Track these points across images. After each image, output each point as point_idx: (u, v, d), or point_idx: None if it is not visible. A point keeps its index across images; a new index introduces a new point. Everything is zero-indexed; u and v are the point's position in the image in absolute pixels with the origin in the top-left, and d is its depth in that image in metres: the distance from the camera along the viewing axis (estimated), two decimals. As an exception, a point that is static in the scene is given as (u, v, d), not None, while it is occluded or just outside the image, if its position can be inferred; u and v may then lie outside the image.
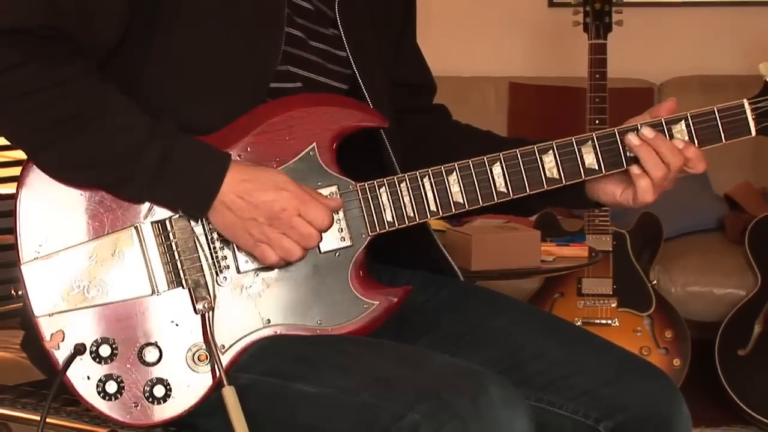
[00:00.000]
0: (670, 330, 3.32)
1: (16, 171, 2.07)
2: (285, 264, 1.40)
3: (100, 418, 1.45)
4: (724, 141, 1.48)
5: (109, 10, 1.38)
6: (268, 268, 1.42)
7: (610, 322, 3.33)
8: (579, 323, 3.27)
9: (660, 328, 3.33)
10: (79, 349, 1.37)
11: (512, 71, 4.25)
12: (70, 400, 1.51)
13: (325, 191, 1.43)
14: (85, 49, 1.38)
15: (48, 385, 1.57)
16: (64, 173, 1.38)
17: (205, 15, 1.41)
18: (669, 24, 4.27)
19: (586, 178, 1.48)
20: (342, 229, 1.44)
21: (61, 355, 1.37)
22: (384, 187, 1.45)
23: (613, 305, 3.34)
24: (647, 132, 1.45)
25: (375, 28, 1.61)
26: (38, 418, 1.52)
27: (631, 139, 1.45)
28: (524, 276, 3.15)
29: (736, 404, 3.19)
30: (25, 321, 1.52)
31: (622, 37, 3.42)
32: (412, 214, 1.46)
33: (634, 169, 1.46)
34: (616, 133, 1.46)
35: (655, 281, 3.43)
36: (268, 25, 1.45)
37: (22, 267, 1.38)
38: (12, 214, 1.40)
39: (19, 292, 1.43)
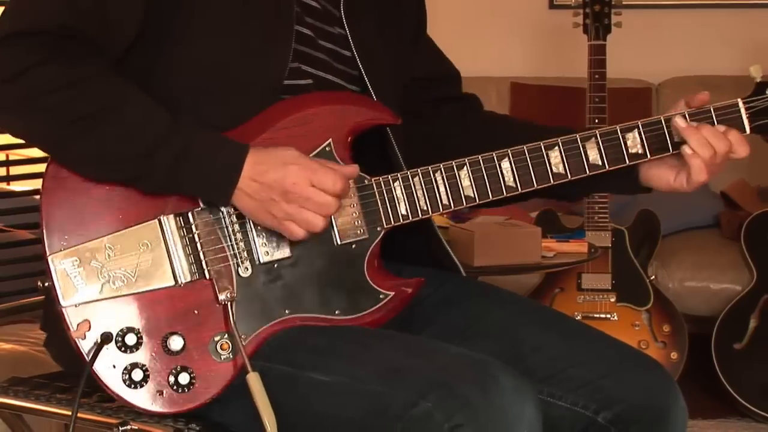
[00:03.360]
0: (667, 324, 3.34)
1: (32, 168, 2.12)
2: (311, 235, 1.40)
3: (112, 410, 1.47)
4: None
5: (127, 10, 1.40)
6: (288, 259, 1.44)
7: (609, 316, 3.35)
8: (578, 318, 3.29)
9: (658, 323, 3.35)
10: (106, 338, 1.38)
11: (513, 72, 4.26)
12: (83, 392, 1.49)
13: None
14: (103, 48, 1.40)
15: (63, 377, 1.61)
16: (84, 169, 1.40)
17: (220, 14, 1.43)
18: (667, 25, 4.28)
19: (590, 173, 1.51)
20: (358, 222, 1.46)
21: (86, 345, 1.38)
22: (398, 181, 1.48)
23: (612, 300, 3.36)
24: (680, 121, 1.49)
25: (383, 29, 1.62)
26: (50, 409, 1.56)
27: (678, 121, 1.49)
28: (525, 271, 3.15)
29: (732, 397, 3.21)
30: (47, 320, 1.54)
31: (621, 38, 3.44)
32: (425, 208, 1.48)
33: (686, 149, 1.48)
34: (623, 129, 1.50)
35: (653, 276, 3.46)
36: (279, 22, 1.47)
37: (49, 258, 1.38)
38: (36, 209, 1.42)
39: (46, 284, 1.40)
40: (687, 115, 1.51)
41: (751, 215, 3.47)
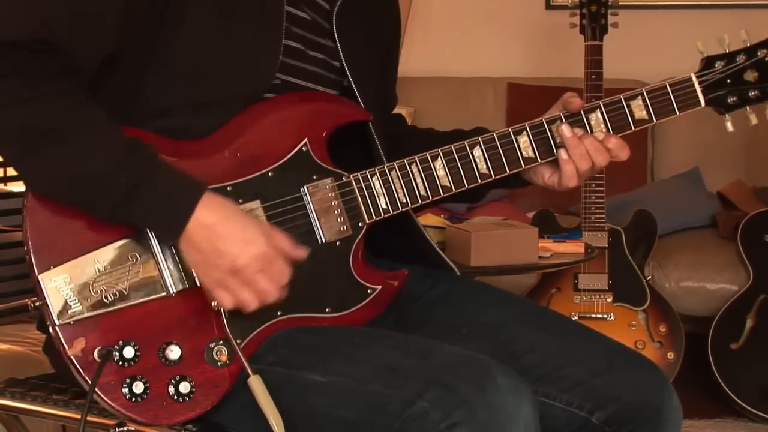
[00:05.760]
0: (664, 324, 3.35)
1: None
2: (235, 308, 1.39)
3: (108, 410, 1.44)
4: (677, 113, 1.55)
5: (105, 22, 1.38)
6: None
7: (605, 316, 3.35)
8: (575, 318, 3.30)
9: (654, 323, 3.35)
10: (104, 354, 1.36)
11: (510, 72, 4.27)
12: (78, 393, 1.53)
13: (321, 183, 1.47)
14: (81, 60, 1.37)
15: (59, 378, 1.60)
16: (41, 187, 1.37)
17: (205, 26, 1.42)
18: (663, 26, 4.30)
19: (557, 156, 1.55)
20: (341, 219, 1.48)
21: (83, 362, 1.36)
22: (376, 176, 1.51)
23: (609, 300, 3.36)
24: (567, 131, 1.53)
25: (369, 39, 1.64)
26: (47, 410, 1.56)
27: (564, 130, 1.53)
28: (522, 272, 3.16)
29: (728, 397, 3.22)
30: (44, 324, 1.52)
31: (618, 38, 3.46)
32: (404, 200, 1.51)
33: (562, 154, 1.53)
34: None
35: (650, 277, 3.46)
36: (266, 38, 1.47)
37: (39, 277, 1.36)
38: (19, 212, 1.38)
39: (37, 303, 1.37)
40: (645, 92, 1.54)
41: (747, 215, 3.47)
